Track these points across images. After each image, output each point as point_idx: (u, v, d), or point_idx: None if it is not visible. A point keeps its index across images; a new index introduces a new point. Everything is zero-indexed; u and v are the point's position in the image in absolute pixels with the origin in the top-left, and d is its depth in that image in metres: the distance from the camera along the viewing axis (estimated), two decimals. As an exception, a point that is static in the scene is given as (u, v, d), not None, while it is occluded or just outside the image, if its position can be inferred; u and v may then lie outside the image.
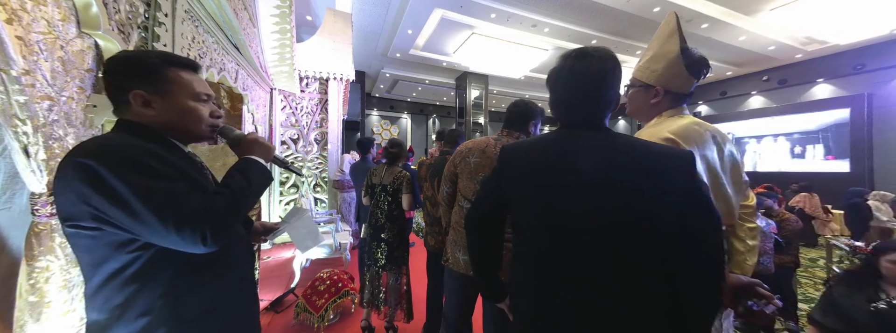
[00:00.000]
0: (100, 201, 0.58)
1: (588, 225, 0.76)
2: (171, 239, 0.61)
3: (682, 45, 1.01)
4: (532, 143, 0.90)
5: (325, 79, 4.61)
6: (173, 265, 0.67)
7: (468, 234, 1.00)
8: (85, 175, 0.59)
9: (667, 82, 1.04)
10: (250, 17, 2.39)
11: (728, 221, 1.03)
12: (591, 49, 0.81)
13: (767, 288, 0.95)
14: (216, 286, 0.75)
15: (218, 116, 0.82)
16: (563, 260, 0.79)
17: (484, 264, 1.00)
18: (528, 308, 0.86)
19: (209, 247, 0.63)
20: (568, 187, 0.78)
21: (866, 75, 7.51)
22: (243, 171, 0.77)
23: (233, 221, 0.69)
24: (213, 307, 0.74)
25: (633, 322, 0.74)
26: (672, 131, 0.95)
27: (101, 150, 0.62)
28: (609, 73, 0.79)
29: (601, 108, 0.82)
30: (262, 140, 0.86)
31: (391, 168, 2.29)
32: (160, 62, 0.73)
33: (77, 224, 0.61)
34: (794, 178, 7.06)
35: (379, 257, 2.20)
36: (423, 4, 5.78)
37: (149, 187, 0.60)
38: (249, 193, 0.74)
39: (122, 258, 0.63)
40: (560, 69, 0.84)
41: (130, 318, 0.64)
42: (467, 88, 9.52)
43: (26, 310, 0.80)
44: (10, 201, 0.89)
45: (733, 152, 1.05)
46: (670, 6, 5.68)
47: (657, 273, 0.75)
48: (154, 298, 0.66)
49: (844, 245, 3.36)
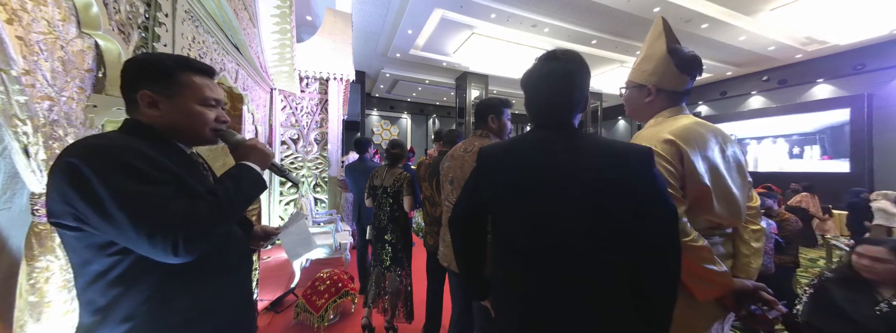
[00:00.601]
0: (78, 202, 0.58)
1: (559, 221, 0.81)
2: (141, 246, 0.59)
3: (669, 44, 1.03)
4: (507, 144, 0.94)
5: (325, 79, 4.60)
6: (159, 269, 0.65)
7: (451, 234, 1.03)
8: (69, 175, 0.58)
9: (658, 81, 1.06)
10: (250, 17, 2.39)
11: (734, 222, 1.02)
12: (559, 52, 0.86)
13: (771, 293, 0.95)
14: (207, 291, 0.73)
15: (223, 121, 0.81)
16: (537, 256, 0.83)
17: (467, 263, 1.03)
18: (507, 304, 0.90)
19: (181, 257, 0.60)
20: (539, 186, 0.83)
21: (866, 75, 7.50)
22: (235, 177, 0.75)
23: (212, 230, 0.66)
24: (203, 312, 0.72)
25: (605, 312, 0.79)
26: (672, 132, 0.95)
27: (89, 149, 0.61)
28: (574, 74, 0.84)
29: (568, 109, 0.87)
30: (261, 146, 0.84)
31: (392, 170, 2.29)
32: (176, 65, 0.73)
33: (60, 223, 0.61)
34: (795, 178, 7.06)
35: (384, 258, 2.21)
36: (423, 4, 5.77)
37: (128, 191, 0.59)
38: (238, 200, 0.72)
39: (104, 261, 0.62)
40: (530, 72, 0.90)
41: (114, 322, 0.63)
42: (467, 88, 9.52)
43: (26, 310, 0.80)
44: (10, 201, 0.89)
45: (736, 152, 1.04)
46: (670, 6, 5.68)
47: (624, 265, 0.80)
48: (139, 302, 0.64)
49: (844, 245, 3.36)
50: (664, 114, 1.07)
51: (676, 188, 0.93)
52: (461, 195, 1.03)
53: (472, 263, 1.03)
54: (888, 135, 7.03)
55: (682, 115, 1.06)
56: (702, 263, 0.90)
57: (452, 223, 1.02)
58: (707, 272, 0.91)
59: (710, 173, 0.95)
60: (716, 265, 0.92)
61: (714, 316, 0.99)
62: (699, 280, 0.92)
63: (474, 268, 1.03)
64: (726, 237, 1.05)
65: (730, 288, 0.94)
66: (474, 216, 0.99)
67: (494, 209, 0.92)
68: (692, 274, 0.91)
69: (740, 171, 1.03)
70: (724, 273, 0.92)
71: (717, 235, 1.02)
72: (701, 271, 0.91)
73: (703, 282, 0.93)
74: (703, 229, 0.98)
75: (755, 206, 1.09)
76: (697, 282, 0.93)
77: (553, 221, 0.82)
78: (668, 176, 0.91)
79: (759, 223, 1.08)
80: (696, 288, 0.93)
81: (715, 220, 0.99)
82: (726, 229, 1.04)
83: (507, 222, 0.89)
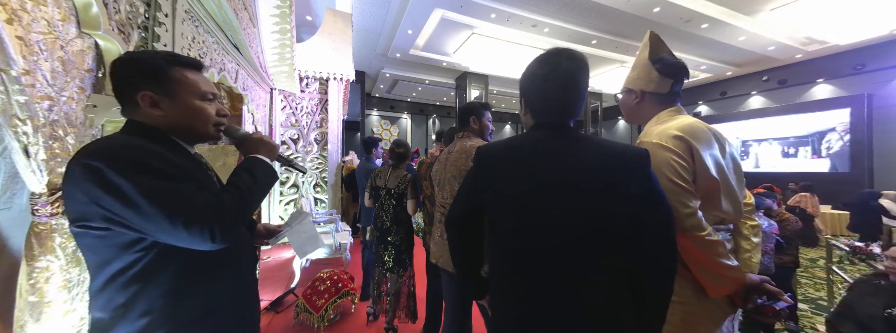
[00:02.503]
0: (111, 202, 0.60)
1: (557, 222, 0.81)
2: (180, 237, 0.62)
3: (652, 53, 1.11)
4: (505, 144, 0.94)
5: (325, 79, 4.61)
6: (175, 266, 0.68)
7: (448, 234, 1.03)
8: (94, 177, 0.60)
9: (643, 85, 1.13)
10: (250, 17, 2.39)
11: (736, 218, 1.06)
12: (561, 50, 0.86)
13: (775, 285, 0.97)
14: (217, 287, 0.76)
15: (224, 114, 0.82)
16: (535, 256, 0.83)
17: (465, 263, 1.03)
18: (505, 304, 0.90)
19: (217, 244, 0.64)
20: (539, 185, 0.83)
21: (866, 75, 7.51)
22: (250, 169, 0.78)
23: (241, 218, 0.70)
24: (214, 307, 0.74)
25: (603, 310, 0.79)
26: (680, 129, 0.98)
27: (108, 152, 0.63)
28: (576, 73, 0.85)
29: (569, 108, 0.87)
30: (266, 139, 0.87)
31: (396, 171, 2.29)
32: (165, 63, 0.73)
33: (86, 225, 0.62)
34: (794, 178, 7.07)
35: (386, 259, 2.21)
36: (423, 4, 5.78)
37: (156, 187, 0.62)
38: (257, 191, 0.76)
39: (125, 258, 0.64)
40: (531, 70, 0.90)
41: (132, 318, 0.65)
42: (467, 88, 9.52)
43: (26, 310, 0.80)
44: (10, 202, 0.89)
45: (732, 151, 1.08)
46: (670, 6, 5.68)
47: (622, 263, 0.80)
48: (155, 298, 0.66)
49: (844, 246, 3.36)
50: (663, 114, 1.10)
51: (690, 182, 0.94)
52: (458, 194, 1.03)
53: (469, 262, 1.03)
54: (888, 135, 7.03)
55: (682, 115, 1.09)
56: (716, 258, 0.92)
57: (449, 223, 1.02)
58: (722, 267, 0.92)
59: (716, 170, 0.97)
60: (729, 260, 0.93)
61: (725, 313, 1.01)
62: (714, 277, 0.93)
63: (472, 267, 1.04)
64: (728, 233, 1.07)
65: (742, 284, 0.95)
66: (472, 215, 0.99)
67: (493, 208, 0.92)
68: (707, 271, 0.93)
69: (736, 169, 1.07)
70: (736, 268, 0.94)
71: (723, 230, 1.04)
72: (716, 266, 0.92)
73: (718, 279, 0.93)
74: (711, 224, 0.99)
75: (750, 202, 1.13)
76: (712, 279, 0.94)
77: (553, 220, 0.82)
78: (682, 171, 0.93)
79: (755, 218, 1.12)
80: (711, 285, 0.94)
81: (721, 215, 1.01)
82: (729, 224, 1.07)
83: (506, 221, 0.89)
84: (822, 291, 3.52)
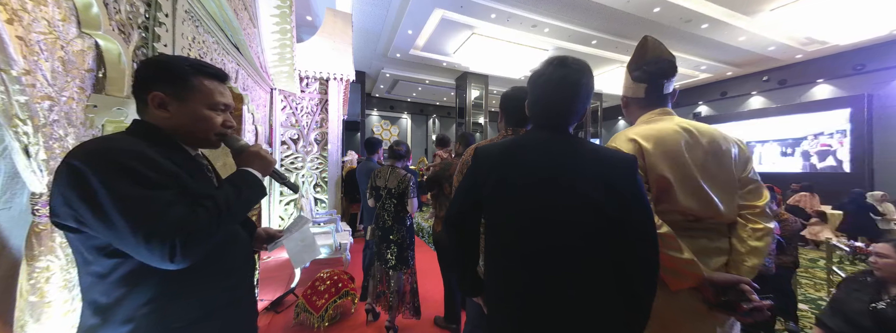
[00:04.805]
0: (79, 206, 0.59)
1: (552, 221, 0.84)
2: (139, 252, 0.59)
3: (633, 60, 1.21)
4: (504, 145, 0.96)
5: (325, 79, 4.60)
6: (162, 271, 0.64)
7: (448, 232, 1.04)
8: (72, 178, 0.59)
9: (624, 91, 1.27)
10: (250, 18, 2.39)
11: (714, 216, 1.05)
12: (570, 60, 0.90)
13: (755, 287, 0.96)
14: (209, 293, 0.74)
15: (230, 126, 0.82)
16: (533, 255, 0.85)
17: (462, 260, 1.05)
18: (499, 301, 0.92)
19: (177, 264, 0.60)
20: (538, 185, 0.86)
21: (866, 76, 7.50)
22: (236, 183, 0.76)
23: (210, 236, 0.65)
24: (205, 314, 0.72)
25: (597, 307, 0.83)
26: (636, 133, 1.08)
27: (93, 153, 0.62)
28: (582, 84, 0.88)
29: (571, 115, 0.91)
30: (263, 153, 0.85)
31: (396, 171, 2.32)
32: (190, 69, 0.74)
33: (62, 224, 0.62)
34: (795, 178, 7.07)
35: (389, 258, 2.24)
36: (423, 4, 5.77)
37: (129, 196, 0.59)
38: (236, 207, 0.72)
39: (104, 262, 0.63)
40: (539, 75, 0.93)
41: (116, 323, 0.63)
42: (467, 88, 9.51)
43: (26, 310, 0.80)
44: (11, 202, 0.89)
45: (718, 152, 1.06)
46: (670, 6, 5.68)
47: (613, 261, 0.84)
48: (140, 304, 0.64)
49: (844, 246, 3.36)
50: (646, 116, 1.18)
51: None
52: (456, 193, 1.05)
53: (466, 260, 1.05)
54: (889, 135, 7.03)
55: (665, 116, 1.14)
56: (664, 249, 0.94)
57: (448, 221, 1.03)
58: (669, 258, 0.95)
59: (672, 167, 1.02)
60: (678, 253, 0.96)
61: (693, 310, 1.01)
62: (669, 270, 0.97)
63: (468, 265, 1.05)
64: (712, 232, 1.07)
65: (700, 279, 0.96)
66: (470, 214, 1.00)
67: (490, 207, 0.94)
68: (661, 264, 0.94)
69: (721, 167, 1.06)
70: (688, 261, 0.96)
71: (697, 228, 1.05)
72: (667, 259, 0.95)
73: (672, 272, 0.97)
74: (679, 221, 1.03)
75: (758, 205, 1.07)
76: (667, 272, 0.97)
77: (548, 219, 0.85)
78: None
79: (764, 223, 1.06)
80: (667, 278, 0.98)
81: (688, 212, 1.03)
82: (709, 222, 1.06)
83: (504, 220, 0.91)
84: (822, 291, 3.52)
